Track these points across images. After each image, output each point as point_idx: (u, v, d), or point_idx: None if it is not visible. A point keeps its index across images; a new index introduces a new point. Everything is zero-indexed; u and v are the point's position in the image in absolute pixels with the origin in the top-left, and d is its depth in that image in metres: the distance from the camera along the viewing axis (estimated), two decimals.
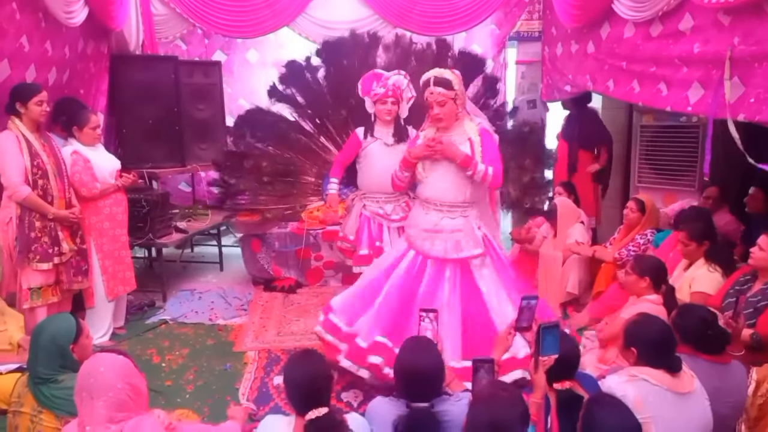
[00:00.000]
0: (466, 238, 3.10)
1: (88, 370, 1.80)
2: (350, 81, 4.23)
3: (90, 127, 3.66)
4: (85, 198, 3.64)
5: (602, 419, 1.81)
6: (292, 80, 4.74)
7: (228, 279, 5.30)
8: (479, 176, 3.01)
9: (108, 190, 3.75)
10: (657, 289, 3.12)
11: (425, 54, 4.86)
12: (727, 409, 2.29)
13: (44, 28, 3.73)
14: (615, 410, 1.84)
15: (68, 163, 3.56)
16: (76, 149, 3.63)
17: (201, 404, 3.08)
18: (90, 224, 3.70)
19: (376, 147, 3.92)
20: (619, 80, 4.27)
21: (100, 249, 3.76)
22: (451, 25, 6.00)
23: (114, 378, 1.77)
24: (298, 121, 4.84)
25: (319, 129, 4.90)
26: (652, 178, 5.33)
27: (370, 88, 3.87)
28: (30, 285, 3.32)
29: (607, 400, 1.93)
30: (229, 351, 3.77)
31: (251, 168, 4.84)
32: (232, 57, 6.49)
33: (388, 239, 3.94)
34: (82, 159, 3.63)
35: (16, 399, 2.18)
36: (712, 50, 3.21)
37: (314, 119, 4.86)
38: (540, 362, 2.11)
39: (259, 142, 4.88)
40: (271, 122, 4.88)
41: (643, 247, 4.09)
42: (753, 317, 2.87)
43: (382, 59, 4.75)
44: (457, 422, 1.99)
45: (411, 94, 3.86)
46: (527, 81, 6.55)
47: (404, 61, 4.74)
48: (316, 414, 1.89)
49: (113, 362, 1.81)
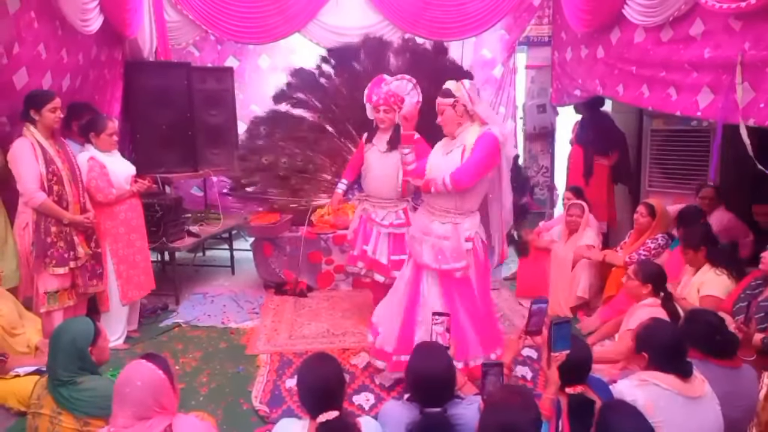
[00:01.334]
0: (451, 248, 3.07)
1: (127, 378, 1.87)
2: (365, 84, 4.29)
3: (107, 134, 3.72)
4: (101, 203, 3.69)
5: (617, 426, 1.83)
6: (301, 87, 4.83)
7: (240, 282, 5.34)
8: (440, 189, 3.01)
9: (123, 196, 3.80)
10: (657, 295, 3.15)
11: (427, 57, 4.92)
12: (739, 414, 2.29)
13: (60, 36, 3.79)
14: (630, 417, 1.86)
15: (84, 169, 3.61)
16: (93, 155, 3.68)
17: (215, 407, 3.11)
18: (105, 229, 3.75)
19: (372, 153, 3.98)
20: (629, 85, 4.28)
21: (115, 254, 3.80)
22: (461, 30, 6.03)
23: (147, 395, 1.83)
24: (321, 123, 4.93)
25: (340, 131, 5.13)
26: (662, 183, 5.33)
27: (370, 95, 3.91)
28: (47, 289, 3.38)
29: (621, 406, 1.95)
30: (242, 354, 3.81)
31: (270, 164, 5.17)
32: (244, 63, 6.55)
33: (373, 243, 4.00)
34: (99, 165, 3.68)
35: (36, 401, 2.23)
36: (722, 55, 3.22)
37: (335, 122, 5.04)
38: (552, 358, 2.14)
39: (281, 141, 5.20)
40: (292, 124, 5.21)
41: (654, 251, 4.09)
42: (765, 321, 2.87)
43: (395, 63, 4.80)
44: (469, 426, 2.01)
45: (417, 98, 3.89)
46: (537, 85, 6.56)
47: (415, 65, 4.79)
48: (327, 417, 1.91)
49: (151, 379, 1.86)
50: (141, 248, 3.96)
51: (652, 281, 3.17)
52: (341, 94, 5.15)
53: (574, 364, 2.13)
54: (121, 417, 1.81)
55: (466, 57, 6.52)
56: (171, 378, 1.90)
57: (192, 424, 1.92)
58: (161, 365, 1.90)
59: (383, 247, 4.00)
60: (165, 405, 1.85)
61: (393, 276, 3.89)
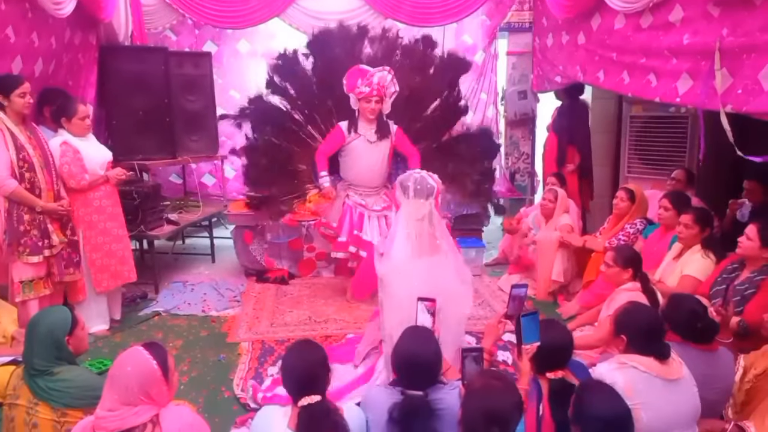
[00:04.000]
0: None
1: (121, 361, 1.84)
2: (337, 72, 4.22)
3: (78, 117, 3.63)
4: (74, 189, 3.61)
5: (593, 406, 1.85)
6: (284, 72, 4.69)
7: (220, 270, 5.30)
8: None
9: (97, 182, 3.72)
10: (637, 278, 3.20)
11: (411, 49, 4.79)
12: (715, 395, 2.34)
13: (31, 19, 3.68)
14: (605, 396, 1.88)
15: (57, 154, 3.53)
16: (66, 140, 3.59)
17: (196, 395, 3.09)
18: (79, 216, 3.68)
19: (360, 143, 3.97)
20: (610, 71, 4.30)
21: (88, 241, 3.73)
22: (442, 16, 6.01)
23: (134, 382, 1.79)
24: (290, 111, 4.77)
25: (307, 119, 4.76)
26: (641, 168, 5.38)
27: (354, 85, 3.89)
28: (22, 278, 3.31)
29: (597, 386, 1.97)
30: (223, 342, 3.78)
31: (270, 161, 4.71)
32: (223, 48, 6.45)
33: (368, 228, 4.11)
34: (72, 150, 3.59)
35: (12, 392, 2.18)
36: (701, 42, 3.24)
37: (303, 110, 4.76)
38: (523, 350, 2.18)
39: (267, 135, 4.73)
40: (271, 113, 4.75)
41: (633, 236, 4.14)
42: (740, 305, 2.93)
43: (368, 51, 4.69)
44: (450, 410, 2.02)
45: (395, 89, 3.88)
46: (518, 72, 6.57)
47: (389, 54, 4.65)
48: (308, 401, 1.91)
49: (142, 367, 1.82)
50: (118, 237, 3.88)
51: (632, 265, 3.21)
52: (317, 80, 4.76)
53: (555, 349, 2.15)
54: (108, 400, 1.78)
55: (447, 42, 6.51)
56: (165, 370, 1.86)
57: (179, 416, 1.88)
58: (157, 356, 1.86)
59: (376, 229, 4.15)
60: (153, 396, 1.81)
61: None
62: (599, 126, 5.84)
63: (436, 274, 2.77)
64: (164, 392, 1.87)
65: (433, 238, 2.86)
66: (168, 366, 1.89)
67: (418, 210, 2.85)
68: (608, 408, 1.83)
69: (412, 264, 2.77)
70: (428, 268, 2.77)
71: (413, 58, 4.68)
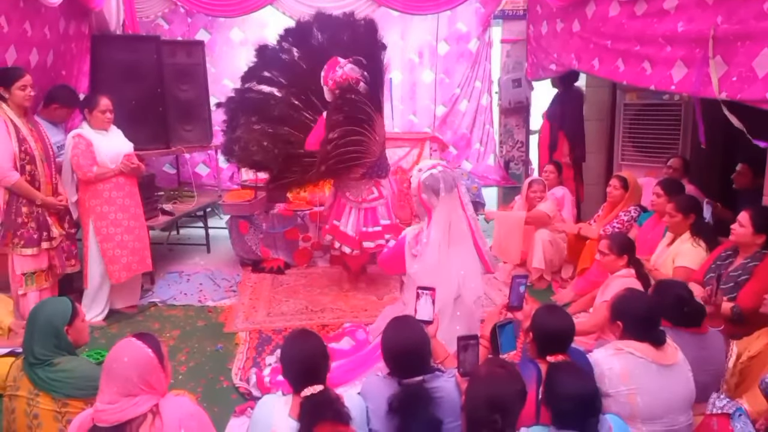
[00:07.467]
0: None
1: (116, 354, 1.84)
2: (324, 59, 4.13)
3: (99, 110, 3.68)
4: (82, 181, 3.65)
5: (562, 385, 1.88)
6: (266, 65, 4.61)
7: (215, 261, 5.30)
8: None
9: (105, 175, 3.71)
10: (632, 265, 3.23)
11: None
12: (708, 378, 2.37)
13: (23, 8, 3.65)
14: (575, 376, 1.91)
15: (69, 145, 3.58)
16: (81, 133, 3.63)
17: (195, 385, 3.10)
18: (89, 207, 3.70)
19: None
20: (604, 59, 4.30)
21: (98, 232, 3.74)
22: (436, 3, 5.99)
23: (132, 372, 1.80)
24: (288, 97, 4.68)
25: (305, 103, 4.65)
26: (634, 156, 5.40)
27: (326, 78, 3.89)
28: (24, 270, 3.34)
29: (565, 367, 2.00)
30: (220, 332, 3.79)
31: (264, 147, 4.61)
32: (216, 36, 6.40)
33: (346, 218, 4.17)
34: (85, 142, 3.62)
35: (12, 383, 2.19)
36: (695, 29, 3.24)
37: (299, 95, 4.66)
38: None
39: (255, 124, 4.64)
40: (261, 101, 4.67)
41: (627, 224, 4.17)
42: (734, 291, 2.96)
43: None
44: (449, 398, 2.04)
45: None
46: (512, 60, 6.55)
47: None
48: (311, 391, 1.92)
49: (138, 356, 1.82)
50: (129, 228, 3.85)
51: (627, 251, 3.24)
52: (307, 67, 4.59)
53: (556, 333, 2.17)
54: (107, 393, 1.78)
55: (441, 30, 6.49)
56: (160, 357, 1.87)
57: (179, 406, 1.88)
58: (151, 344, 1.87)
59: (354, 221, 4.16)
60: (152, 384, 1.83)
61: (364, 247, 4.13)
62: (593, 113, 5.85)
63: (460, 264, 2.95)
64: (162, 379, 1.89)
65: (463, 222, 3.01)
66: (162, 353, 1.91)
67: (452, 202, 2.97)
68: (577, 387, 1.85)
69: (442, 265, 2.91)
70: (457, 262, 2.94)
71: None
